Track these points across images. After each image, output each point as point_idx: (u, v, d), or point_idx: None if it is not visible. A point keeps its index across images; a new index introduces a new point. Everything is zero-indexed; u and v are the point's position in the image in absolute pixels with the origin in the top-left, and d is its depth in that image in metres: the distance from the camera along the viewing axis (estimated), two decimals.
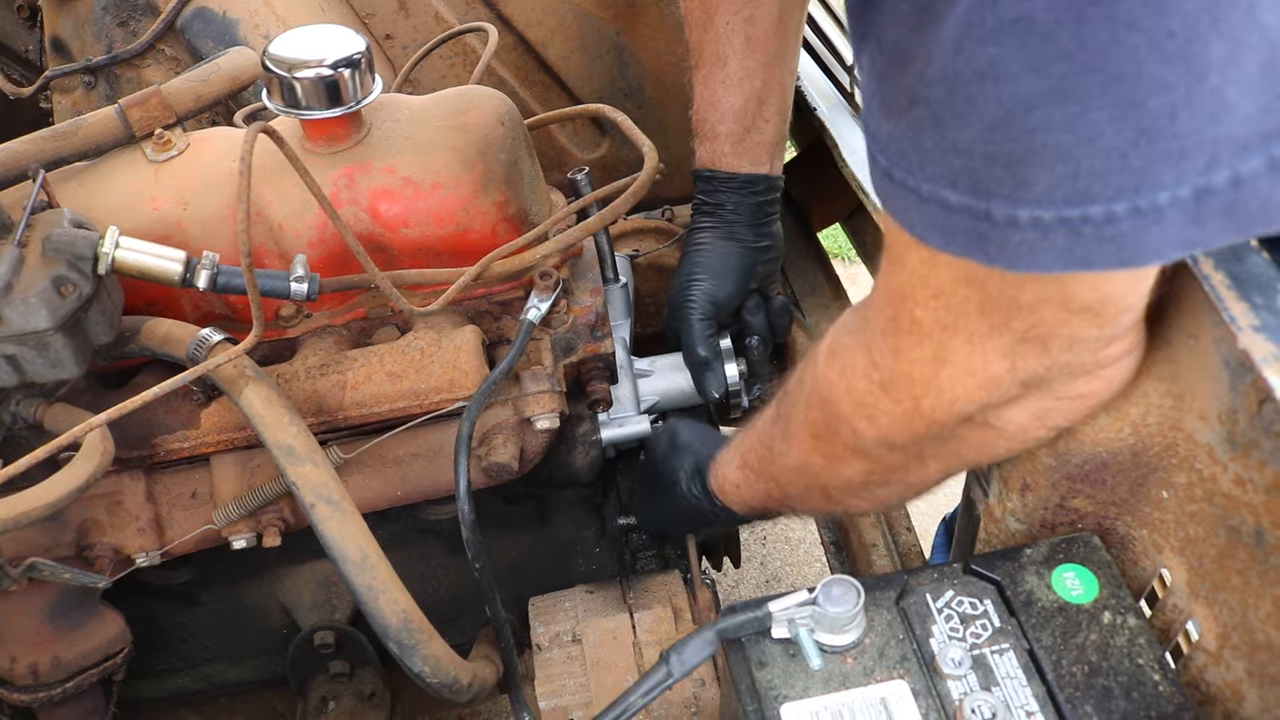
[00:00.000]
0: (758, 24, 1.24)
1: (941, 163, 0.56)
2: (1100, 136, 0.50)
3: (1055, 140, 0.51)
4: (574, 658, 1.13)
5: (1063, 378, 0.70)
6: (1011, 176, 0.53)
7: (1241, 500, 0.68)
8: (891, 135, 0.58)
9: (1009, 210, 0.54)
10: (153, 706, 1.34)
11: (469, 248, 1.08)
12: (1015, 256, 0.56)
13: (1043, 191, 0.53)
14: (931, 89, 0.54)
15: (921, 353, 0.70)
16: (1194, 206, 0.51)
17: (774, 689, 0.72)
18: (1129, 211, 0.52)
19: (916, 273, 0.67)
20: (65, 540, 1.04)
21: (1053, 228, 0.54)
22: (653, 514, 1.21)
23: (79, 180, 1.05)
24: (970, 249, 0.58)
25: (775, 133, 1.30)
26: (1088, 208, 0.52)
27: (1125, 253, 0.54)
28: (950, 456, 0.80)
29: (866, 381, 0.76)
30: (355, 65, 1.01)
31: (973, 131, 0.53)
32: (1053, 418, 0.75)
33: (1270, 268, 0.67)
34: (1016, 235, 0.55)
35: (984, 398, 0.71)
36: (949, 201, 0.57)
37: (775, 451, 0.93)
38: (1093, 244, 0.54)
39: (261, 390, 0.95)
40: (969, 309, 0.66)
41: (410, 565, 1.31)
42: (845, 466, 0.85)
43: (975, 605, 0.76)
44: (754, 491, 1.01)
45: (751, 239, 1.29)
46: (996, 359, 0.67)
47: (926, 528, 2.02)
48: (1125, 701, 0.70)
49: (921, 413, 0.73)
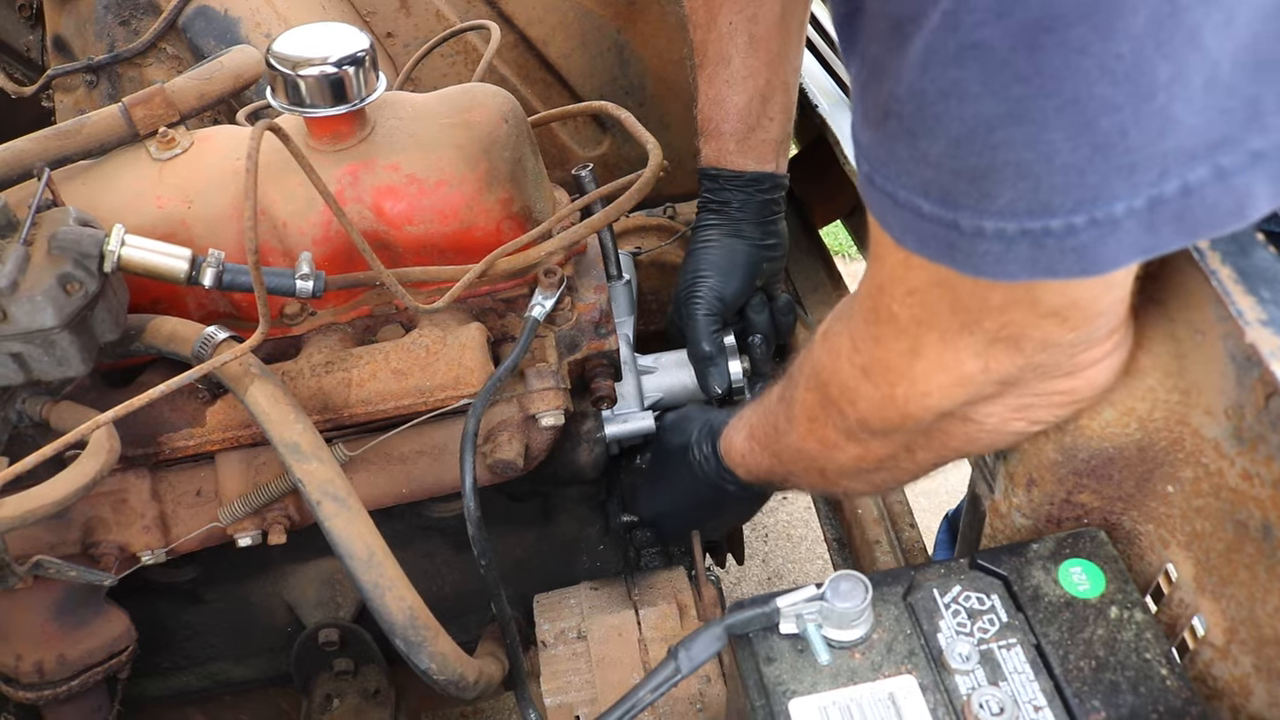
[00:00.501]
0: (761, 23, 1.25)
1: (915, 173, 0.58)
2: (1057, 154, 0.53)
3: (1016, 157, 0.54)
4: (579, 654, 1.13)
5: (1038, 378, 0.71)
6: (976, 190, 0.56)
7: (1248, 495, 0.68)
8: (871, 143, 0.61)
9: (975, 221, 0.57)
10: (157, 704, 1.34)
11: (473, 245, 1.08)
12: (982, 265, 0.59)
13: (1006, 205, 0.56)
14: (903, 105, 0.56)
15: (898, 344, 0.72)
16: (1148, 216, 0.54)
17: (782, 684, 0.72)
18: (1087, 223, 0.55)
19: (894, 272, 0.69)
20: (71, 538, 1.04)
21: (1016, 239, 0.56)
22: (659, 495, 1.21)
23: (83, 179, 1.05)
24: (941, 255, 0.61)
25: (780, 131, 1.31)
26: (1049, 220, 0.55)
27: (1085, 262, 0.56)
28: (938, 447, 0.81)
29: (849, 365, 0.78)
30: (359, 63, 1.01)
31: (939, 146, 0.56)
32: (1034, 413, 0.76)
33: (1277, 262, 0.67)
34: (983, 245, 0.58)
35: (959, 394, 0.72)
36: (922, 210, 0.59)
37: (780, 430, 0.95)
38: (1055, 254, 0.56)
39: (267, 388, 0.95)
40: (941, 308, 0.68)
41: (414, 563, 1.31)
42: (839, 452, 0.87)
43: (982, 600, 0.76)
44: (759, 463, 1.02)
45: (758, 237, 1.29)
46: (969, 358, 0.69)
47: (929, 524, 2.03)
48: (1133, 696, 0.70)
49: (896, 401, 0.75)
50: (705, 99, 1.29)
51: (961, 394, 0.72)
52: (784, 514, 2.53)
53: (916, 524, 1.45)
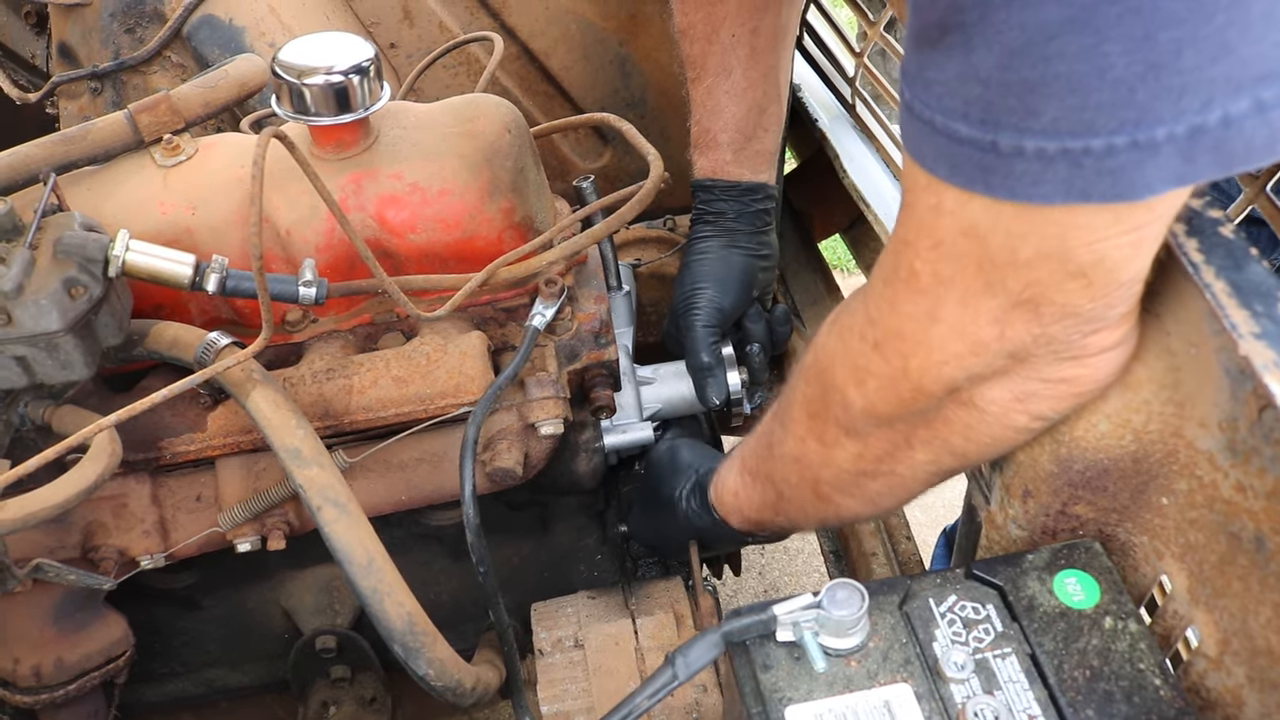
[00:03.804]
0: (762, 35, 1.26)
1: (959, 93, 0.59)
2: (1111, 68, 0.53)
3: (1069, 69, 0.54)
4: (576, 663, 1.14)
5: (1048, 355, 0.71)
6: (1022, 105, 0.57)
7: (1242, 507, 0.69)
8: (919, 65, 0.62)
9: (1016, 141, 0.58)
10: (154, 710, 1.34)
11: (475, 254, 1.09)
12: (1018, 186, 0.59)
13: (1049, 122, 0.56)
14: (965, 14, 0.57)
15: (915, 308, 0.72)
16: (1187, 144, 0.55)
17: (778, 691, 0.73)
18: (1128, 145, 0.55)
19: (923, 221, 0.69)
20: (71, 542, 1.05)
21: (1055, 159, 0.57)
22: (648, 529, 1.22)
23: (88, 184, 1.06)
24: (974, 180, 0.61)
25: (773, 142, 1.32)
26: (1090, 140, 0.56)
27: (1122, 185, 0.57)
28: (937, 442, 0.80)
29: (861, 341, 0.78)
30: (364, 72, 1.02)
31: (994, 58, 0.56)
32: (1035, 403, 0.75)
33: (1270, 276, 0.68)
34: (1021, 165, 0.58)
35: (971, 364, 0.72)
36: (959, 134, 0.60)
37: (774, 442, 0.94)
38: (1092, 176, 0.57)
39: (268, 394, 0.96)
40: (967, 263, 0.67)
41: (412, 571, 1.30)
42: (837, 451, 0.86)
43: (978, 610, 0.77)
44: (750, 499, 1.01)
45: (753, 247, 1.30)
46: (987, 323, 0.69)
47: (926, 539, 2.03)
48: (1127, 706, 0.71)
49: (909, 374, 0.75)
50: (703, 110, 1.30)
51: (974, 363, 0.71)
52: None
53: (913, 536, 1.46)
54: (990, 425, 0.77)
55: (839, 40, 1.72)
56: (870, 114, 1.62)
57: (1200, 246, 0.70)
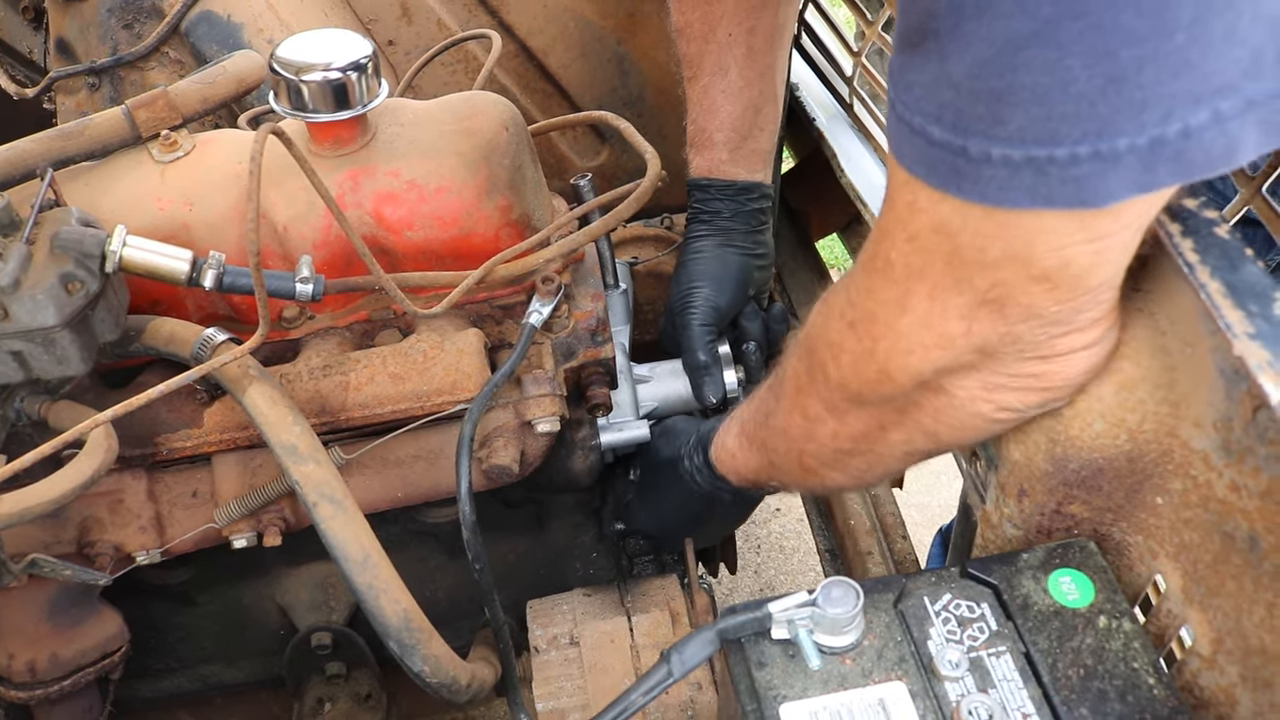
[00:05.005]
0: (759, 34, 1.26)
1: (934, 97, 0.61)
2: (1074, 81, 0.55)
3: (1034, 81, 0.56)
4: (571, 660, 1.14)
5: (1015, 352, 0.72)
6: (990, 113, 0.58)
7: (1236, 506, 0.69)
8: (903, 67, 0.63)
9: (984, 147, 0.59)
10: (148, 706, 1.34)
11: (472, 251, 1.09)
12: (986, 190, 0.61)
13: (1015, 130, 0.58)
14: (940, 21, 0.58)
15: (887, 295, 0.74)
16: (1148, 154, 0.56)
17: (773, 689, 0.73)
18: (1090, 155, 0.57)
19: (900, 214, 0.70)
20: (67, 537, 1.05)
21: (1021, 166, 0.59)
22: (651, 508, 1.22)
23: (85, 180, 1.06)
24: (947, 182, 0.63)
25: (769, 141, 1.32)
26: (1054, 149, 0.57)
27: (1085, 193, 0.59)
28: (909, 423, 0.81)
29: (839, 320, 0.80)
30: (362, 69, 1.02)
31: (964, 66, 0.58)
32: (1002, 394, 0.76)
33: (1265, 276, 0.68)
34: (989, 170, 0.60)
35: (937, 356, 0.73)
36: (934, 136, 0.61)
37: (768, 411, 0.96)
38: (1056, 183, 0.58)
39: (265, 390, 0.96)
40: (936, 258, 0.69)
41: (408, 568, 1.30)
42: (819, 426, 0.88)
43: (973, 608, 0.77)
44: (747, 462, 1.03)
45: (748, 246, 1.30)
46: (954, 319, 0.70)
47: (922, 538, 2.03)
48: (1120, 705, 0.71)
49: (876, 356, 0.76)
50: (699, 109, 1.30)
51: (940, 356, 0.73)
52: (776, 526, 2.54)
53: (909, 535, 1.46)
54: (958, 411, 0.78)
55: (837, 39, 1.72)
56: (868, 113, 1.63)
57: (1196, 246, 0.71)
